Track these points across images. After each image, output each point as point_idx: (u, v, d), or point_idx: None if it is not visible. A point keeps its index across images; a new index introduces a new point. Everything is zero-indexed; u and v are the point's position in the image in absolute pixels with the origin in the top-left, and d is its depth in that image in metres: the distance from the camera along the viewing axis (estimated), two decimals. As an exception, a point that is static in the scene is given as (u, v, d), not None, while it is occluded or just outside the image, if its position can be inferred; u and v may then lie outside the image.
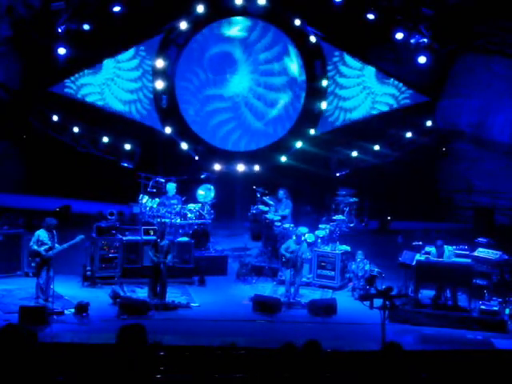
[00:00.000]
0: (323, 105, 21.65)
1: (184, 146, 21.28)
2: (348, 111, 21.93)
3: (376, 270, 15.16)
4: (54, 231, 13.67)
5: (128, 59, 21.15)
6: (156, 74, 21.07)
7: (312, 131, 21.65)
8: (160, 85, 21.04)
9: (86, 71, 20.87)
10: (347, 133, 21.76)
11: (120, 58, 21.11)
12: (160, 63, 20.98)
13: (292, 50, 21.59)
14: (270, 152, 21.77)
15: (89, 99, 21.02)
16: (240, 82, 21.68)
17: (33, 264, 14.04)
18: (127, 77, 21.23)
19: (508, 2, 19.93)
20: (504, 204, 20.94)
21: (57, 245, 13.54)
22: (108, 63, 21.01)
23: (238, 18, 21.35)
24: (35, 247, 13.48)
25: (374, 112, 21.87)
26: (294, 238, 14.92)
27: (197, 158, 21.34)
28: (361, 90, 21.83)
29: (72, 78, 20.76)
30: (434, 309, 13.57)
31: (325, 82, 21.59)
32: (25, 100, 20.50)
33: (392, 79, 21.65)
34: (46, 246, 13.44)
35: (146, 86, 21.31)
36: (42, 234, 13.56)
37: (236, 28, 21.43)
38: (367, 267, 15.12)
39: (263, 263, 16.53)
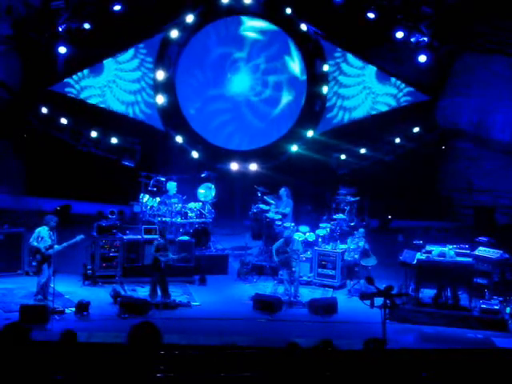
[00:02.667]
0: (324, 89, 21.59)
1: (179, 139, 21.28)
2: (348, 110, 21.92)
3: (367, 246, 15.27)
4: (55, 231, 13.69)
5: (128, 60, 21.16)
6: (157, 84, 21.17)
7: (310, 133, 21.62)
8: (161, 99, 21.16)
9: (87, 73, 20.89)
10: (347, 132, 21.76)
11: (120, 58, 21.12)
12: (160, 74, 21.05)
13: (293, 49, 21.59)
14: (270, 151, 21.78)
15: (90, 102, 21.06)
16: (241, 82, 21.67)
17: (33, 263, 14.02)
18: (128, 78, 21.25)
19: (508, 2, 19.92)
20: (504, 203, 20.93)
21: (56, 245, 13.56)
22: (109, 65, 21.02)
23: (243, 18, 21.38)
24: (35, 243, 13.49)
25: (374, 112, 21.88)
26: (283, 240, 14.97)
27: (198, 156, 21.34)
28: (361, 90, 21.84)
29: (72, 81, 20.76)
30: (435, 308, 13.57)
31: (325, 89, 21.61)
32: (25, 99, 20.49)
33: (393, 79, 21.64)
34: (46, 244, 13.46)
35: (145, 87, 21.31)
36: (42, 230, 13.57)
37: (241, 27, 21.45)
38: (361, 243, 15.25)
39: (264, 262, 16.53)
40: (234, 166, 21.46)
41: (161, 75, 21.16)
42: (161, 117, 21.42)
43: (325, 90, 21.63)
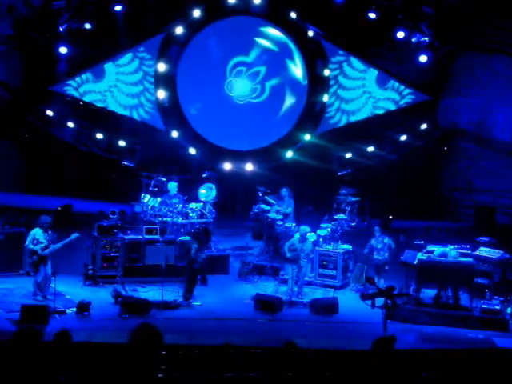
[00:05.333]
0: (325, 97, 21.64)
1: (192, 151, 21.30)
2: (347, 113, 21.87)
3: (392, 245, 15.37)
4: (49, 230, 13.74)
5: (128, 62, 21.14)
6: (157, 76, 21.17)
7: (307, 137, 21.61)
8: (162, 94, 21.15)
9: (89, 78, 20.87)
10: (348, 133, 21.75)
11: (120, 61, 21.09)
12: (162, 66, 21.05)
13: (296, 54, 21.55)
14: (271, 151, 21.78)
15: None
16: (243, 85, 21.65)
17: (29, 261, 14.03)
18: (128, 81, 21.23)
19: (508, 2, 19.92)
20: (505, 203, 20.93)
21: (52, 245, 13.62)
22: (110, 69, 20.99)
23: (246, 19, 21.38)
24: (31, 246, 13.61)
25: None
26: (298, 235, 14.97)
27: (195, 153, 21.35)
28: (361, 94, 21.80)
29: (72, 88, 20.75)
30: (436, 308, 13.56)
31: (326, 97, 21.60)
32: (26, 99, 20.51)
33: (392, 82, 21.59)
34: (42, 245, 13.54)
35: (147, 89, 21.29)
36: (37, 232, 13.66)
37: (244, 28, 21.46)
38: (386, 240, 15.31)
39: (265, 262, 16.55)
40: (227, 166, 21.45)
41: (162, 67, 21.12)
42: (161, 115, 21.39)
43: (325, 98, 21.62)
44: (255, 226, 18.26)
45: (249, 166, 21.52)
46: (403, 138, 21.40)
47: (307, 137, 21.58)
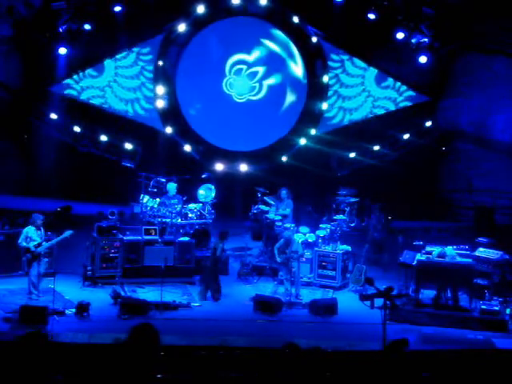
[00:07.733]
0: (324, 105, 21.70)
1: (187, 148, 21.31)
2: (349, 111, 21.90)
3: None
4: (42, 228, 13.80)
5: (126, 55, 21.16)
6: (157, 75, 21.21)
7: (310, 133, 21.64)
8: (161, 90, 21.16)
9: (88, 74, 20.91)
10: (348, 133, 21.76)
11: (118, 55, 21.11)
12: (161, 66, 21.10)
13: (296, 52, 21.56)
14: (271, 152, 21.78)
15: (92, 102, 21.07)
16: (243, 83, 21.65)
17: (23, 259, 14.06)
18: (127, 74, 21.25)
19: (508, 2, 19.93)
20: (504, 203, 20.92)
21: (44, 242, 13.68)
22: (109, 64, 21.02)
23: (247, 20, 21.38)
24: (24, 244, 13.69)
25: (373, 116, 21.88)
26: (283, 240, 14.99)
27: (198, 157, 21.35)
28: (360, 92, 21.80)
29: (72, 81, 20.75)
30: (435, 309, 13.56)
31: (325, 105, 21.63)
32: (25, 100, 20.51)
33: (391, 81, 21.61)
34: (35, 242, 13.61)
35: (147, 79, 21.29)
36: (29, 230, 13.76)
37: (245, 29, 21.46)
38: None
39: (264, 263, 16.54)
40: (226, 167, 21.46)
41: (161, 68, 21.14)
42: (161, 116, 21.39)
43: (324, 106, 21.65)
44: (254, 226, 18.28)
45: (247, 167, 21.52)
46: (405, 137, 21.41)
47: (303, 141, 21.62)
